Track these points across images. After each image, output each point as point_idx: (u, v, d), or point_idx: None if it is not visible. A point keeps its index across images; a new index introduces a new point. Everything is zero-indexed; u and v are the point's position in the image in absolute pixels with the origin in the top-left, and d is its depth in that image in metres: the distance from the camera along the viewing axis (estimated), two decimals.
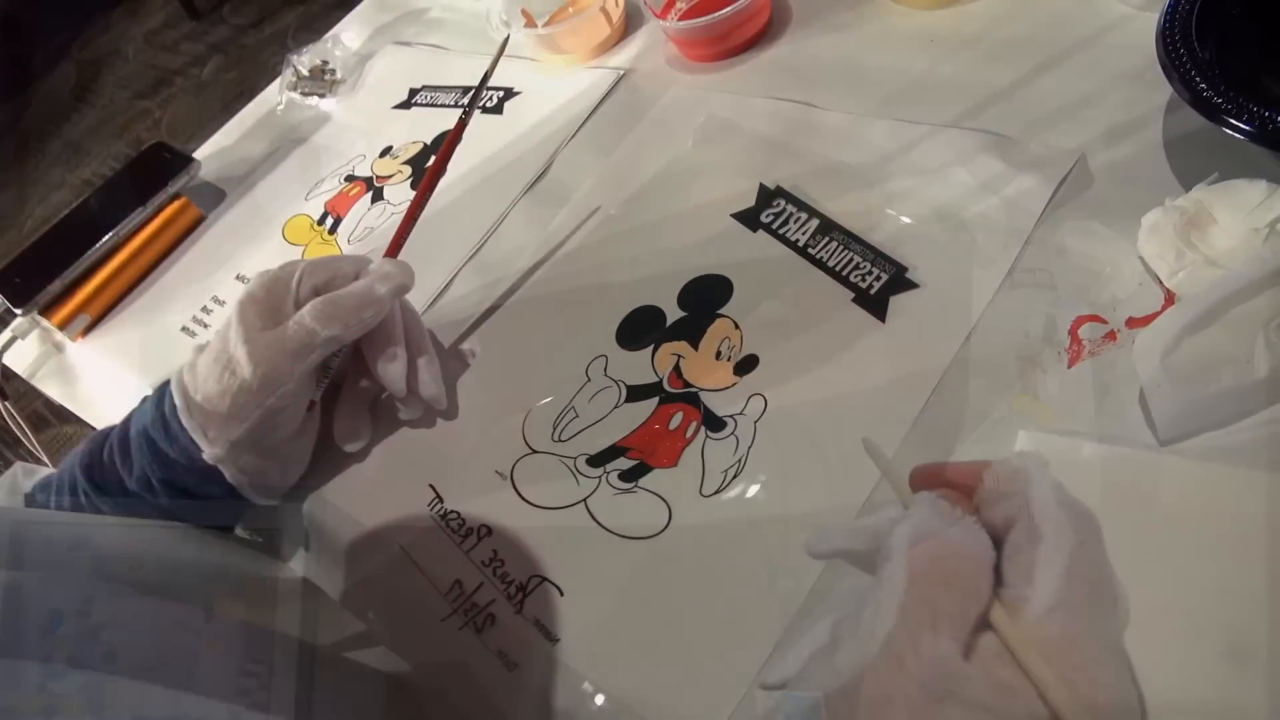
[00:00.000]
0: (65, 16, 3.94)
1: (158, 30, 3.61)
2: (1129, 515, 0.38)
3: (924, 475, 0.33)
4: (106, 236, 0.76)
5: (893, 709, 0.26)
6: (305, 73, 0.87)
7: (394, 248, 0.57)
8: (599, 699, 0.44)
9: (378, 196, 0.75)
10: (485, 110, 0.76)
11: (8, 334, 0.80)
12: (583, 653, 0.45)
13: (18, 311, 0.75)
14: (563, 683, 0.45)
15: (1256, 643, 0.34)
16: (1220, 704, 0.34)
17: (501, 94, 0.77)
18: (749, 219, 0.58)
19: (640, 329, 0.56)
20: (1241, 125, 0.42)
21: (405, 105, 0.82)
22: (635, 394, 0.53)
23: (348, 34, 0.91)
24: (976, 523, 0.30)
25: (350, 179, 0.78)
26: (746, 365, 0.52)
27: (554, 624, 0.47)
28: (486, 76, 0.62)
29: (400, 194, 0.74)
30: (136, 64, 3.50)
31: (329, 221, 0.75)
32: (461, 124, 0.60)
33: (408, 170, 0.76)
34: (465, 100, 0.78)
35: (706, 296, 0.56)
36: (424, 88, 0.83)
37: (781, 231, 0.57)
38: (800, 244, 0.56)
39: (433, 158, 0.74)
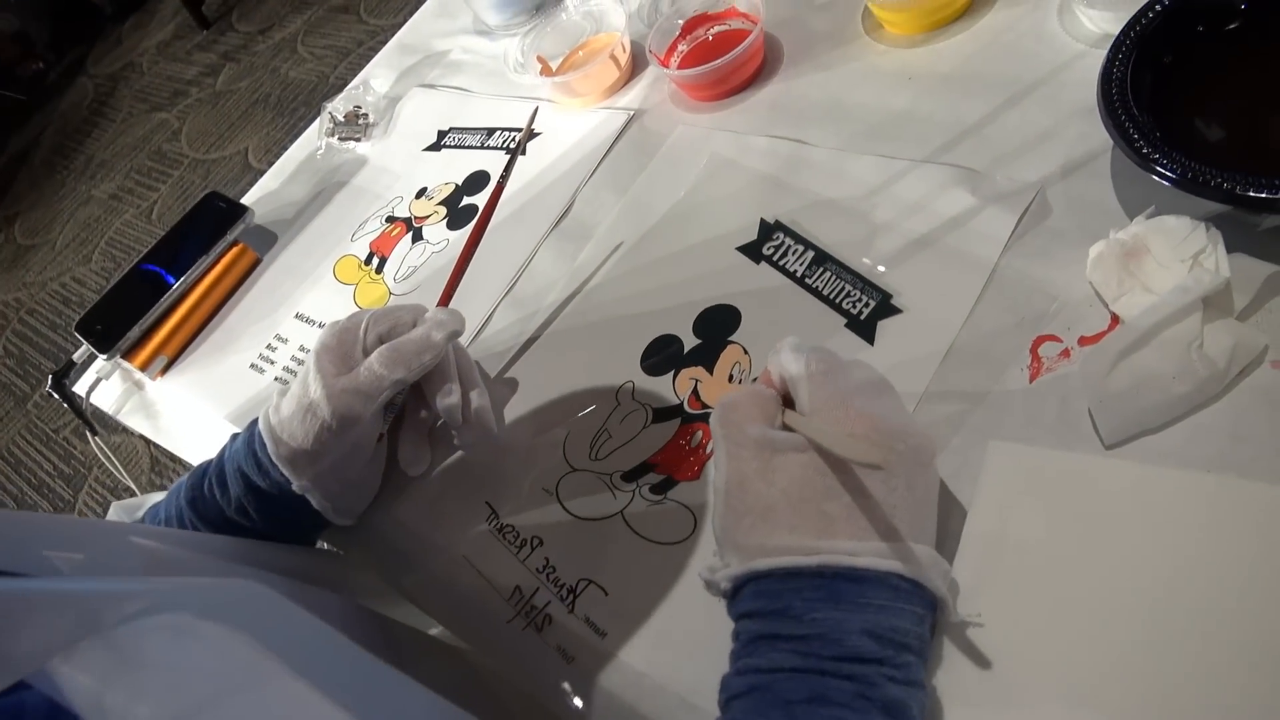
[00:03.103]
0: (77, 33, 4.01)
1: (169, 42, 3.67)
2: (1080, 509, 0.46)
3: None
4: (176, 283, 0.85)
5: (746, 479, 0.45)
6: (341, 118, 0.94)
7: (446, 297, 0.65)
8: (643, 682, 0.52)
9: (417, 236, 0.82)
10: (510, 152, 0.83)
11: (92, 375, 0.88)
12: (627, 644, 0.54)
13: (103, 356, 0.84)
14: (612, 670, 0.53)
15: (1180, 611, 0.42)
16: (1152, 665, 0.42)
17: None
18: (752, 252, 0.66)
19: (661, 356, 0.64)
20: (1168, 174, 0.49)
21: (435, 147, 0.89)
22: (660, 415, 0.61)
23: (376, 79, 0.99)
24: (763, 385, 0.50)
25: (391, 219, 0.85)
26: None
27: (601, 620, 0.55)
28: (519, 147, 0.70)
29: (438, 234, 0.81)
30: (151, 76, 3.57)
31: (375, 261, 0.83)
32: (500, 187, 0.68)
33: (443, 211, 0.83)
34: (490, 142, 0.86)
35: (718, 325, 0.64)
36: (451, 129, 0.90)
37: (781, 263, 0.64)
38: (798, 275, 0.63)
39: (465, 198, 0.82)
